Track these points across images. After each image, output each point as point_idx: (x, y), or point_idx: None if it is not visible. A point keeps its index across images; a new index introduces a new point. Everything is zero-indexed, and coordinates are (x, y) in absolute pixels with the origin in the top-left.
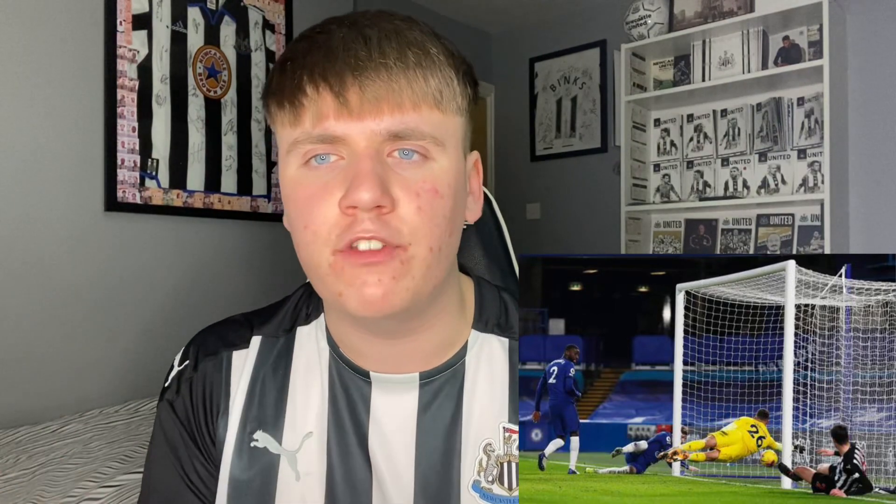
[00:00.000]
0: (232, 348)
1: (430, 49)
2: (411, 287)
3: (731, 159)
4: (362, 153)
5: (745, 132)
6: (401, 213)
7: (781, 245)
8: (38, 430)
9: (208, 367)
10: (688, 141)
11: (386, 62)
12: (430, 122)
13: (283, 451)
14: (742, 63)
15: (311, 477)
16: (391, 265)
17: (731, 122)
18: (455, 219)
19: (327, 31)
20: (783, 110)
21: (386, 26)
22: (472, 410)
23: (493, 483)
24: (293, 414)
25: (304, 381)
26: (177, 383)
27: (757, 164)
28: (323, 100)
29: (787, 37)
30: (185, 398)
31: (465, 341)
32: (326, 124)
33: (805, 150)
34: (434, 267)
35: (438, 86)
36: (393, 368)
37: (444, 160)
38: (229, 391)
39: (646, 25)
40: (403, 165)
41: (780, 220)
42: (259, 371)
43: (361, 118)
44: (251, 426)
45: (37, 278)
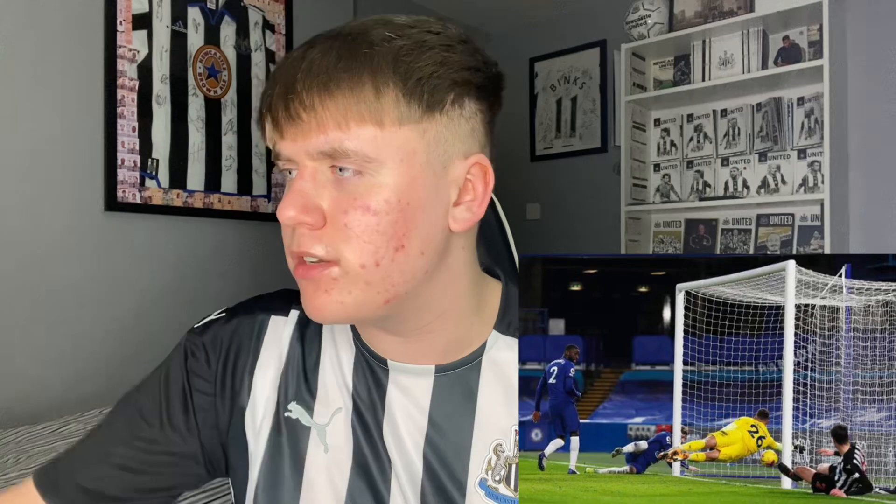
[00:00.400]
0: (270, 313)
1: (371, 61)
2: (348, 301)
3: (731, 159)
4: (301, 172)
5: (745, 132)
6: (329, 230)
7: (781, 245)
8: (38, 430)
9: (243, 322)
10: (688, 141)
11: (311, 84)
12: (358, 139)
13: (313, 424)
14: (742, 63)
15: (339, 451)
16: (322, 279)
17: (731, 122)
18: (405, 233)
19: (293, 54)
20: (783, 110)
21: (331, 43)
22: (485, 409)
23: (499, 483)
24: (325, 389)
25: (332, 359)
26: (203, 327)
27: (757, 164)
28: (271, 124)
29: (787, 37)
30: (206, 340)
31: (483, 341)
32: (277, 145)
33: (805, 150)
34: (376, 283)
35: (366, 97)
36: (409, 359)
37: (382, 176)
38: (258, 353)
39: (646, 25)
40: (342, 182)
41: (780, 220)
42: (295, 343)
43: (294, 140)
44: (286, 397)
45: (37, 278)
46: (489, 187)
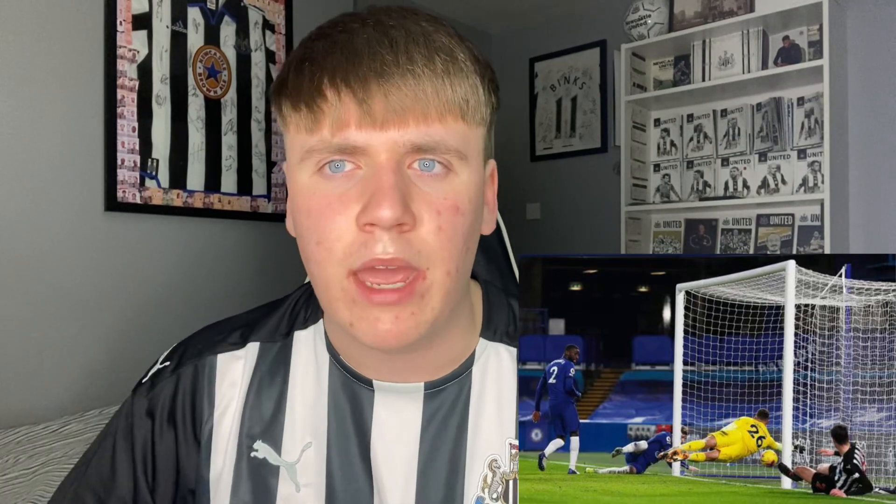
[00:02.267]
0: (218, 351)
1: (458, 55)
2: (429, 319)
3: (731, 159)
4: (383, 165)
5: (745, 132)
6: (421, 233)
7: (781, 245)
8: (38, 430)
9: (189, 369)
10: (688, 141)
11: (413, 69)
12: (454, 133)
13: (282, 463)
14: (742, 63)
15: (311, 488)
16: (410, 302)
17: (731, 122)
18: (473, 235)
19: (349, 31)
20: (783, 110)
21: (412, 28)
22: (478, 423)
23: (497, 500)
24: (292, 424)
25: (302, 389)
26: (150, 383)
27: (757, 164)
28: (345, 106)
29: (787, 37)
30: (155, 402)
31: (472, 350)
32: (347, 133)
33: (805, 150)
34: (452, 291)
35: (465, 95)
36: (397, 378)
37: (465, 174)
38: (213, 398)
39: (646, 25)
40: (425, 179)
41: (780, 220)
42: (255, 377)
43: (385, 128)
44: (250, 436)
45: (36, 278)
46: (496, 190)
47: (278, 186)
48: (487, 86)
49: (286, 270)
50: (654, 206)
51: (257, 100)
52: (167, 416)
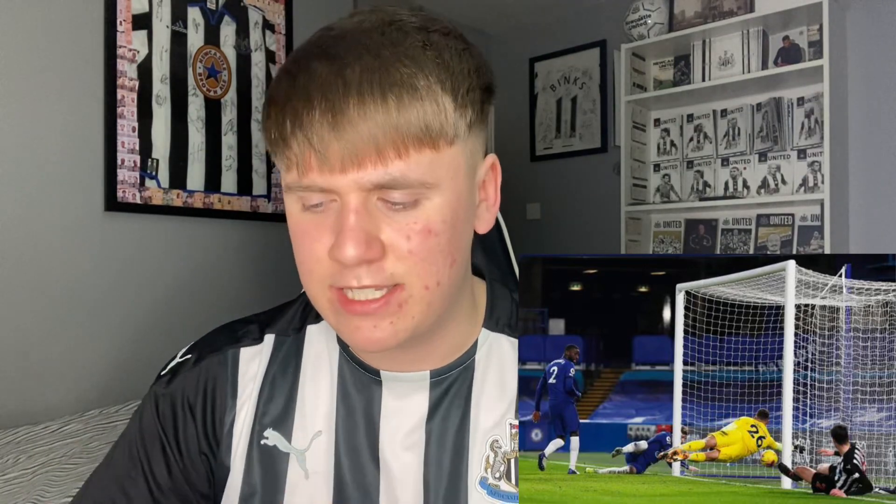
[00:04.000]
0: (240, 345)
1: (419, 81)
2: (409, 327)
3: (731, 159)
4: (348, 204)
5: (745, 132)
6: (391, 259)
7: (781, 245)
8: (38, 430)
9: (213, 363)
10: (688, 141)
11: (364, 111)
12: (418, 165)
13: (292, 450)
14: (742, 63)
15: (319, 476)
16: (388, 311)
17: (731, 122)
18: (457, 247)
19: (307, 70)
20: (783, 110)
21: (368, 61)
22: (480, 408)
23: (500, 479)
24: (302, 413)
25: (313, 379)
26: (171, 375)
27: (757, 164)
28: (305, 154)
29: (787, 37)
30: (176, 393)
31: (475, 340)
32: (312, 177)
33: (805, 150)
34: (435, 301)
35: (426, 122)
36: (404, 367)
37: (437, 198)
38: (236, 389)
39: (646, 25)
40: (393, 209)
41: (780, 220)
42: (271, 369)
43: (345, 171)
44: (262, 424)
45: (37, 278)
46: (499, 183)
47: (278, 186)
48: (464, 97)
49: (286, 270)
50: (654, 206)
51: (257, 100)
52: (188, 405)
